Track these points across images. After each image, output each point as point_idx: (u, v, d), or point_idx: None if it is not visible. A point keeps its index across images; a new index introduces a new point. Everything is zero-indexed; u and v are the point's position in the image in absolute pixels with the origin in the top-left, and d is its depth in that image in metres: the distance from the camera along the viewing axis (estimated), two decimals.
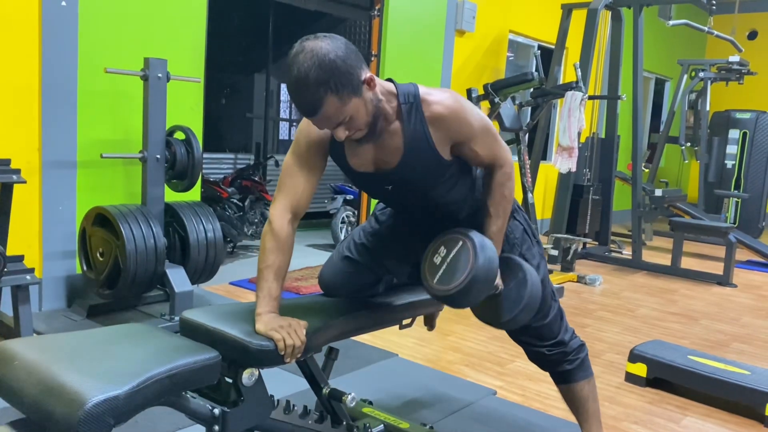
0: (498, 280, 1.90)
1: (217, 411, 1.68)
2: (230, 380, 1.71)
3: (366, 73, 1.66)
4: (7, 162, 3.24)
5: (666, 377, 3.16)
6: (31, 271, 3.17)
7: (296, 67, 1.58)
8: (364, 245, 2.12)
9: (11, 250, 3.33)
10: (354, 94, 1.62)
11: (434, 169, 1.83)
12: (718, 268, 6.02)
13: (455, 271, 1.81)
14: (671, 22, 7.18)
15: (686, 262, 6.31)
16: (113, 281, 3.51)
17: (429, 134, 1.77)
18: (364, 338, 3.51)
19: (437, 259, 1.87)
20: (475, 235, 1.84)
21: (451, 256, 1.84)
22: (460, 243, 1.83)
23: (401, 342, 3.60)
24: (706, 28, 7.29)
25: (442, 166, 1.83)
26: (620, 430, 2.73)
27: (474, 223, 1.95)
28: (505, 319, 1.96)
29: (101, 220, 3.55)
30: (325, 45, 1.59)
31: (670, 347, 3.36)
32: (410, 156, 1.79)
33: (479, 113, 1.84)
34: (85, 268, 3.66)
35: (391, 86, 1.79)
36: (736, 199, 8.63)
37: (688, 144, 8.45)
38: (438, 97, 1.77)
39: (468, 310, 2.00)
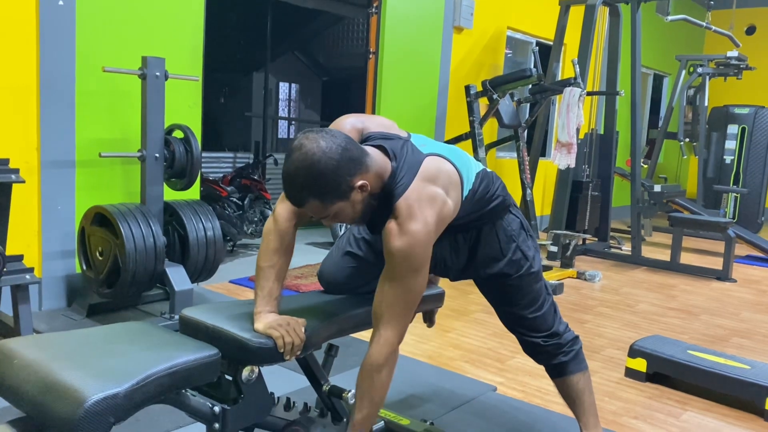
0: None
1: (217, 409, 1.68)
2: (230, 378, 1.72)
3: (359, 181, 1.64)
4: (6, 162, 3.23)
5: (666, 372, 3.17)
6: (31, 270, 3.17)
7: (289, 163, 1.61)
8: (365, 239, 2.13)
9: (10, 250, 3.33)
10: (339, 199, 1.63)
11: None
12: (717, 264, 6.02)
13: None
14: (669, 18, 7.18)
15: (685, 258, 6.32)
16: (113, 280, 3.51)
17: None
18: (364, 335, 3.50)
19: None
20: None
21: None
22: None
23: None
24: (704, 24, 7.29)
25: None
26: (620, 424, 2.73)
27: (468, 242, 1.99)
28: None
29: (100, 219, 3.55)
30: (319, 151, 1.58)
31: (669, 342, 3.37)
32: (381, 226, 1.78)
33: (415, 276, 1.69)
34: (84, 267, 3.66)
35: (386, 170, 1.72)
36: (735, 194, 8.64)
37: (687, 140, 8.46)
38: (402, 227, 1.66)
39: (468, 307, 2.00)
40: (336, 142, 1.61)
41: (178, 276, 3.57)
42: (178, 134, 3.87)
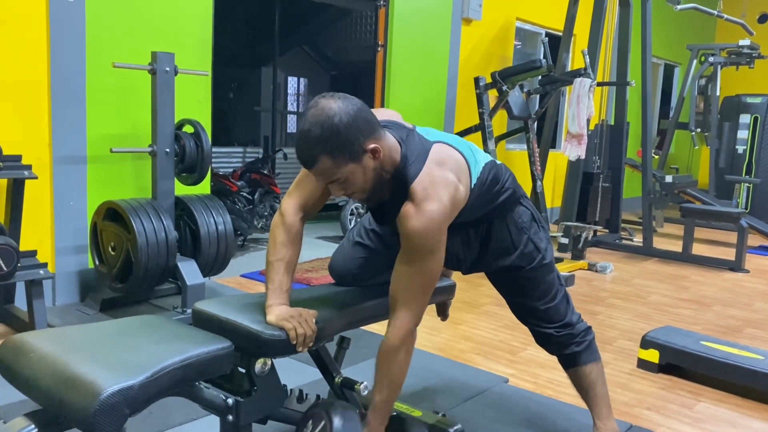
0: None
1: (230, 401, 1.69)
2: (243, 370, 1.73)
3: (372, 144, 1.65)
4: (19, 158, 3.26)
5: (678, 363, 3.15)
6: (44, 265, 3.20)
7: (304, 121, 1.63)
8: (375, 231, 2.14)
9: (24, 246, 3.36)
10: (351, 160, 1.63)
11: None
12: (729, 254, 5.98)
13: None
14: (680, 6, 7.11)
15: (697, 249, 6.28)
16: (125, 275, 3.54)
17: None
18: (375, 328, 3.52)
19: None
20: (339, 420, 1.74)
21: None
22: (322, 424, 1.76)
23: None
24: (715, 12, 7.22)
25: None
26: (633, 416, 2.72)
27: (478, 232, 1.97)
28: None
29: (112, 214, 3.57)
30: (335, 107, 1.60)
31: (682, 333, 3.35)
32: (393, 216, 1.77)
33: (431, 257, 1.70)
34: (97, 262, 3.69)
35: (396, 152, 1.73)
36: (747, 184, 8.57)
37: (699, 130, 8.39)
38: (419, 207, 1.66)
39: (479, 299, 2.00)
40: (352, 102, 1.64)
41: (189, 270, 3.59)
42: (188, 129, 3.88)
